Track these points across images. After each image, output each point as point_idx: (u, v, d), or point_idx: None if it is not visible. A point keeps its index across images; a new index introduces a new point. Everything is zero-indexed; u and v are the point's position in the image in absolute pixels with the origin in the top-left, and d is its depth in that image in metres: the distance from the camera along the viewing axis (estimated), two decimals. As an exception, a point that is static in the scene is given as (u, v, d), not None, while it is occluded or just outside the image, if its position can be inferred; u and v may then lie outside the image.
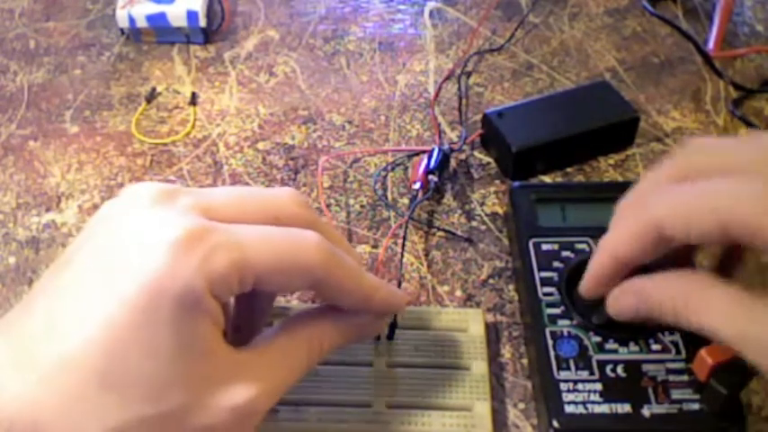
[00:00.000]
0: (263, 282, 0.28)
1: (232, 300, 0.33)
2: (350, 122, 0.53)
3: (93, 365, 0.25)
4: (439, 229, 0.46)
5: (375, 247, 0.45)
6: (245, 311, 0.34)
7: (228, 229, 0.27)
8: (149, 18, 0.57)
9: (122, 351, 0.25)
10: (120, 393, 0.25)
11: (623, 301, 0.33)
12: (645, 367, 0.36)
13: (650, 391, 0.35)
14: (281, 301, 0.41)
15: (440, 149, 0.47)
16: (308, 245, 0.29)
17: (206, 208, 0.28)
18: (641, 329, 0.37)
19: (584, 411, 0.34)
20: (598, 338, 0.37)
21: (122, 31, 0.59)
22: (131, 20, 0.58)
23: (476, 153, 0.50)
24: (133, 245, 0.26)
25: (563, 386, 0.35)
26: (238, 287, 0.27)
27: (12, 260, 0.45)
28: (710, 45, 0.57)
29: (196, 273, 0.26)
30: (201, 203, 0.28)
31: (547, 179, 0.48)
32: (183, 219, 0.27)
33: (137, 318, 0.25)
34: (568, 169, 0.49)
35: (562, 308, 0.38)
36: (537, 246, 0.41)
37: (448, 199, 0.47)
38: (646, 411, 0.34)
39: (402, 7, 0.63)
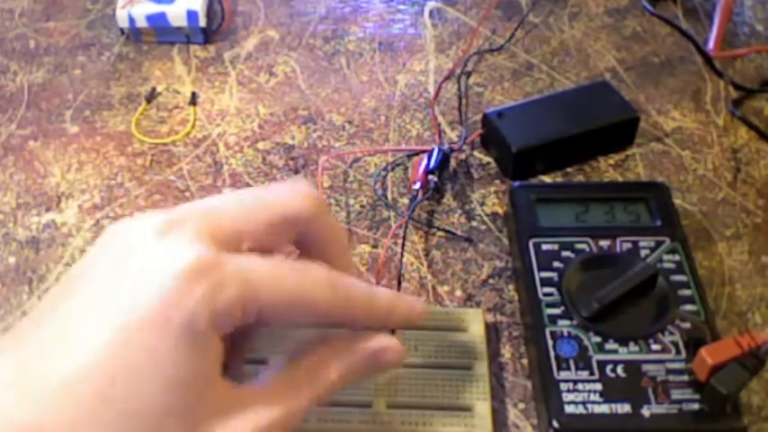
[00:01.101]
0: (267, 317, 0.28)
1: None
2: (350, 122, 0.53)
3: (93, 390, 0.25)
4: (439, 229, 0.46)
5: (375, 247, 0.45)
6: (244, 343, 0.33)
7: (238, 262, 0.27)
8: (149, 18, 0.57)
9: (123, 377, 0.25)
10: (118, 421, 0.25)
11: None
12: (645, 367, 0.36)
13: (650, 391, 0.35)
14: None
15: (440, 149, 0.47)
16: (317, 284, 0.29)
17: (214, 229, 0.28)
18: (641, 329, 0.37)
19: (584, 411, 0.34)
20: (598, 338, 0.37)
21: (122, 31, 0.59)
22: (131, 20, 0.58)
23: (476, 153, 0.50)
24: (143, 274, 0.26)
25: (563, 386, 0.35)
26: (241, 320, 0.27)
27: (12, 260, 0.45)
28: (710, 45, 0.57)
29: (200, 304, 0.26)
30: (210, 227, 0.28)
31: (547, 179, 0.48)
32: (193, 249, 0.27)
33: (141, 344, 0.25)
34: (568, 169, 0.49)
35: (562, 308, 0.38)
36: (537, 246, 0.41)
37: (448, 199, 0.47)
38: (646, 411, 0.34)
39: (402, 7, 0.63)
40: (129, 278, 0.26)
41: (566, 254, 0.40)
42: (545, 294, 0.39)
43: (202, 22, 0.58)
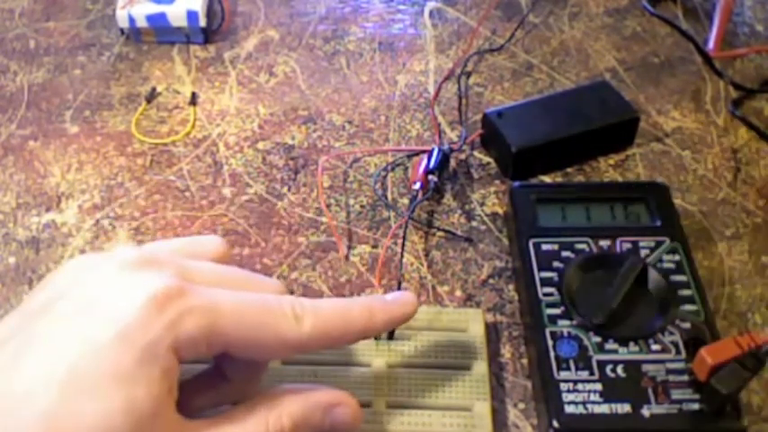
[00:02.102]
0: (234, 350, 0.29)
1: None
2: (350, 122, 0.53)
3: (46, 405, 0.25)
4: (439, 229, 0.46)
5: (375, 247, 0.45)
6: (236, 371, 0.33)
7: (206, 292, 0.28)
8: (149, 18, 0.57)
9: (77, 394, 0.25)
10: None
11: None
12: (645, 367, 0.36)
13: (650, 391, 0.35)
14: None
15: (440, 149, 0.47)
16: (285, 315, 0.29)
17: (185, 272, 0.29)
18: (641, 329, 0.37)
19: (584, 411, 0.34)
20: (598, 338, 0.37)
21: (122, 31, 0.59)
22: (131, 20, 0.58)
23: (476, 153, 0.50)
24: (114, 300, 0.27)
25: (563, 386, 0.35)
26: (206, 351, 0.28)
27: (12, 260, 0.45)
28: (710, 45, 0.57)
29: (164, 330, 0.26)
30: (182, 270, 0.29)
31: (547, 179, 0.48)
32: (163, 278, 0.28)
33: (101, 364, 0.26)
34: (568, 169, 0.49)
35: (562, 308, 0.38)
36: (537, 246, 0.41)
37: (448, 199, 0.47)
38: (646, 411, 0.34)
39: (402, 7, 0.63)
40: (97, 303, 0.27)
41: (566, 254, 0.40)
42: (545, 294, 0.39)
43: (202, 22, 0.58)
